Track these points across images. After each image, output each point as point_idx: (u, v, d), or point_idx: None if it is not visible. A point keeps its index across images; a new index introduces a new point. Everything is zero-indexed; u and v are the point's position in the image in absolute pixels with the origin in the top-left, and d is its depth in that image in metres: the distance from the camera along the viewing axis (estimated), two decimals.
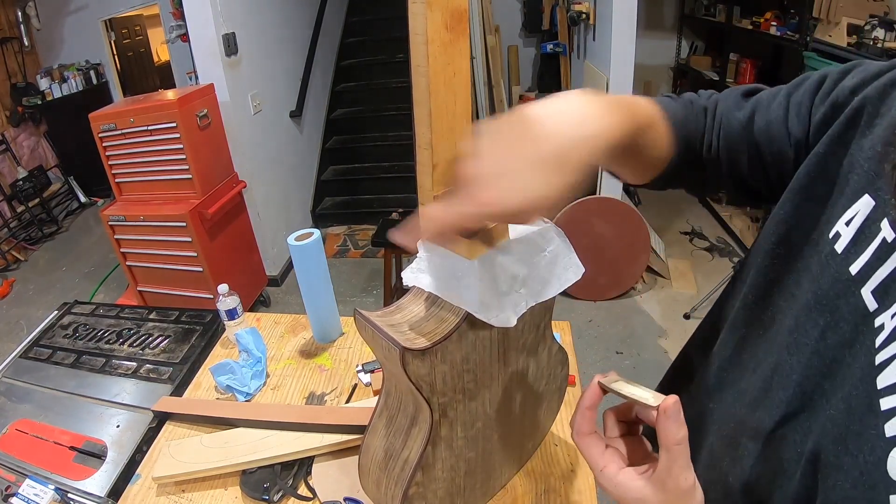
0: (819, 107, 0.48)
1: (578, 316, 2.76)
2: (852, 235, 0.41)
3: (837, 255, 0.42)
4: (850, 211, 0.42)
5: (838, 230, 0.43)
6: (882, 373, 0.36)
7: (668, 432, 0.40)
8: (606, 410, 0.48)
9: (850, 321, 0.40)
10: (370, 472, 0.71)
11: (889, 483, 0.33)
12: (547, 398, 0.81)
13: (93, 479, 0.95)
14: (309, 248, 1.09)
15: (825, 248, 0.44)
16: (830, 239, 0.43)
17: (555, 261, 0.62)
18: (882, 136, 0.40)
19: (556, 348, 0.78)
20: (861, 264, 0.40)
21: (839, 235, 0.42)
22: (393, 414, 0.68)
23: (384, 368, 0.67)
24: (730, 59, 3.66)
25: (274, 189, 3.34)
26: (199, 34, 2.67)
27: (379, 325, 0.58)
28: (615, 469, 0.44)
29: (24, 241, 4.04)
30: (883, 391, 0.35)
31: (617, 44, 2.67)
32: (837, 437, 0.38)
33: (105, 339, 1.32)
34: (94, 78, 4.66)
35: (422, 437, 0.63)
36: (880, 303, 0.38)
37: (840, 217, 0.43)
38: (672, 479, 0.41)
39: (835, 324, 0.41)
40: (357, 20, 4.71)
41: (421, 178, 0.54)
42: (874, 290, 0.39)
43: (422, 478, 0.64)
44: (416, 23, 0.46)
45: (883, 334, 0.37)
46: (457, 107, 0.51)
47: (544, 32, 4.46)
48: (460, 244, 0.55)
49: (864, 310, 0.39)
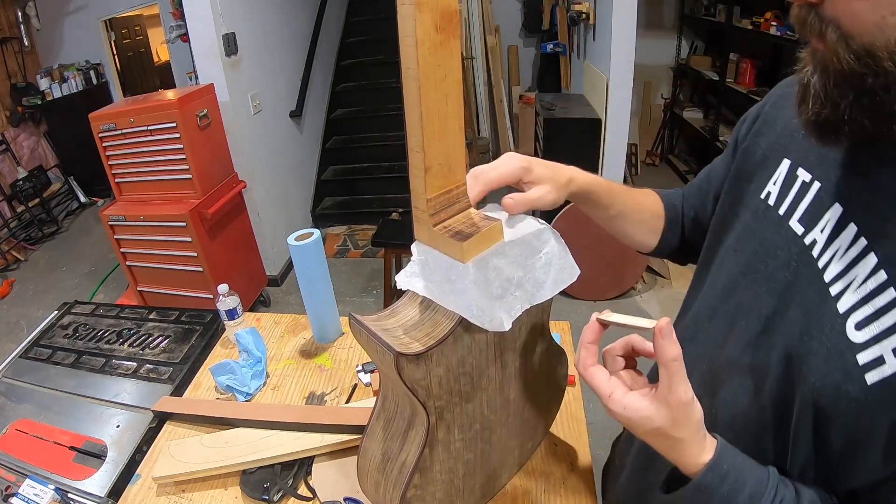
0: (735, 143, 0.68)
1: (578, 316, 2.76)
2: (779, 189, 0.55)
3: (770, 206, 0.55)
4: (775, 174, 0.56)
5: (768, 190, 0.56)
6: (827, 269, 0.46)
7: (665, 350, 0.45)
8: (605, 349, 0.53)
9: (785, 247, 0.52)
10: (369, 474, 0.71)
11: (852, 346, 0.42)
12: (546, 398, 0.81)
13: (93, 479, 0.95)
14: (309, 248, 1.09)
15: (760, 205, 0.57)
16: (763, 199, 0.57)
17: (550, 263, 0.62)
18: (786, 122, 0.57)
19: (555, 348, 0.77)
20: (786, 204, 0.53)
21: (770, 193, 0.56)
22: (390, 417, 0.68)
23: (380, 372, 0.67)
24: (730, 59, 3.66)
25: (274, 189, 3.34)
26: (199, 34, 2.67)
27: (373, 330, 0.57)
28: (622, 393, 0.48)
29: (24, 241, 4.04)
30: (830, 282, 0.46)
31: (617, 44, 2.66)
32: (802, 332, 0.47)
33: (105, 339, 1.32)
34: (94, 78, 4.66)
35: (419, 440, 0.63)
36: (806, 227, 0.50)
37: (767, 181, 0.57)
38: (673, 394, 0.45)
39: (774, 253, 0.53)
40: (357, 20, 4.71)
41: (413, 181, 0.54)
42: (800, 219, 0.51)
43: (420, 480, 0.64)
44: (406, 25, 0.46)
45: (818, 245, 0.48)
46: (448, 109, 0.51)
47: (544, 32, 4.46)
48: (454, 246, 0.54)
49: (794, 235, 0.51)
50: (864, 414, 0.42)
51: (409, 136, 0.52)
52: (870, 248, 0.43)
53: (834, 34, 0.39)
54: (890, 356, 0.40)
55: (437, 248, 0.57)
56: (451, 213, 0.57)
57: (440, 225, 0.56)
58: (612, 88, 2.78)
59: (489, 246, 0.56)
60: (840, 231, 0.46)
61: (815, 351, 0.45)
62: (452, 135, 0.53)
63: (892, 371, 0.40)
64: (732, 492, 0.46)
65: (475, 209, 0.60)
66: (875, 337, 0.41)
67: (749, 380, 0.52)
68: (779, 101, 0.61)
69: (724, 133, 3.78)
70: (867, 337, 0.42)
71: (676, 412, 0.46)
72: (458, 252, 0.54)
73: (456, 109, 0.52)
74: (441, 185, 0.55)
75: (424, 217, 0.56)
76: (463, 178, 0.58)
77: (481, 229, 0.55)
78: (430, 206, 0.55)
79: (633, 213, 0.76)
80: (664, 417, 0.46)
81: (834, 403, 0.43)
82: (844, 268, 0.45)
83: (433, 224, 0.56)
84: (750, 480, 0.47)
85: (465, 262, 0.54)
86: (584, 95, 3.39)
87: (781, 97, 0.61)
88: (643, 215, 0.78)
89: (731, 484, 0.46)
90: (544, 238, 0.61)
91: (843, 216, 0.47)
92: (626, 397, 0.48)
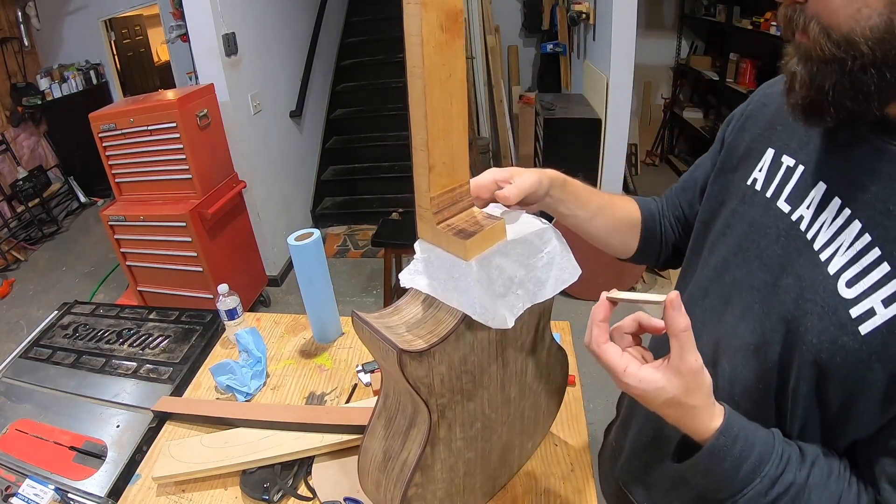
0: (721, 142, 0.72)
1: (579, 316, 2.76)
2: (765, 175, 0.59)
3: (757, 190, 0.60)
4: (760, 162, 0.60)
5: (755, 177, 0.61)
6: (816, 239, 0.51)
7: (675, 321, 0.47)
8: (614, 326, 0.55)
9: (773, 225, 0.56)
10: (369, 473, 0.71)
11: (845, 302, 0.47)
12: (546, 398, 0.81)
13: (93, 479, 0.95)
14: (309, 248, 1.09)
15: (747, 191, 0.61)
16: (749, 185, 0.61)
17: (552, 262, 0.62)
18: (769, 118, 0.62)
19: (556, 348, 0.77)
20: (773, 187, 0.58)
21: (756, 179, 0.60)
22: (392, 415, 0.68)
23: (382, 370, 0.67)
24: (730, 59, 3.66)
25: (274, 189, 3.34)
26: (199, 34, 2.67)
27: (376, 327, 0.57)
28: (636, 367, 0.50)
29: (24, 241, 4.04)
30: (820, 250, 0.50)
31: (617, 44, 2.66)
32: (797, 296, 0.51)
33: (105, 339, 1.32)
34: (94, 78, 4.66)
35: (420, 439, 0.63)
36: (793, 205, 0.55)
37: (753, 169, 0.61)
38: (685, 363, 0.47)
39: (763, 232, 0.57)
40: (357, 20, 4.71)
41: (417, 179, 0.54)
42: (787, 199, 0.56)
43: (421, 479, 0.64)
44: (411, 24, 0.46)
45: (805, 220, 0.53)
46: (453, 108, 0.51)
47: (544, 32, 4.46)
48: (457, 244, 0.54)
49: (782, 214, 0.55)
50: (860, 364, 0.45)
51: (413, 135, 0.52)
52: (854, 217, 0.48)
53: (816, 27, 0.44)
54: (880, 307, 0.44)
55: (440, 247, 0.57)
56: (455, 211, 0.58)
57: (443, 223, 0.56)
58: (612, 88, 2.78)
59: (492, 244, 0.56)
60: (826, 205, 0.51)
61: (811, 311, 0.49)
62: (456, 134, 0.53)
63: (882, 320, 0.44)
64: (744, 452, 0.49)
65: (478, 208, 0.60)
66: (865, 291, 0.46)
67: (749, 348, 0.56)
68: (762, 100, 0.66)
69: None
70: (858, 292, 0.46)
71: (689, 380, 0.48)
72: (461, 250, 0.54)
73: (460, 109, 0.52)
74: (445, 183, 0.55)
75: (428, 215, 0.56)
76: (466, 177, 0.58)
77: (484, 228, 0.56)
78: (433, 205, 0.55)
79: (609, 216, 0.78)
80: (677, 386, 0.48)
81: (832, 358, 0.47)
82: (832, 236, 0.50)
83: (436, 222, 0.56)
84: (758, 441, 0.50)
85: (468, 260, 0.54)
86: (584, 95, 3.39)
87: (765, 96, 0.66)
88: (620, 220, 0.80)
89: (741, 445, 0.49)
90: (546, 237, 0.62)
91: (828, 192, 0.51)
92: (641, 371, 0.49)
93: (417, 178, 0.54)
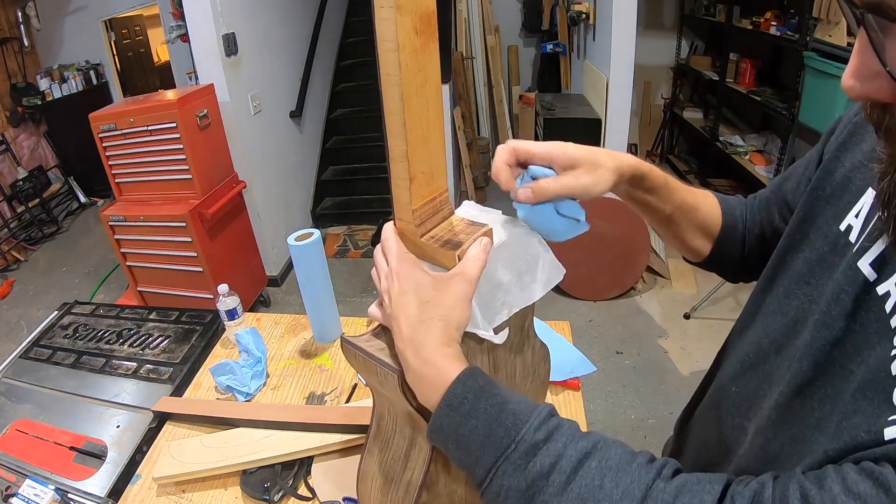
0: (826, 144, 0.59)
1: (578, 316, 2.76)
2: (861, 223, 0.47)
3: (850, 242, 0.47)
4: (858, 205, 0.48)
5: (849, 223, 0.48)
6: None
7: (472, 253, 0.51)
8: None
9: (850, 293, 0.44)
10: (371, 498, 0.69)
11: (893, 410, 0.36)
12: (534, 396, 0.81)
13: (93, 480, 0.95)
14: (309, 249, 1.09)
15: (840, 239, 0.49)
16: (843, 231, 0.49)
17: (536, 263, 0.61)
18: (870, 144, 0.50)
19: (539, 345, 0.77)
20: (861, 240, 0.45)
21: (851, 228, 0.48)
22: (388, 438, 0.66)
23: (376, 393, 0.64)
24: (730, 59, 3.65)
25: (274, 189, 3.34)
26: (199, 34, 2.67)
27: (369, 351, 0.55)
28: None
29: (24, 242, 4.04)
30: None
31: (617, 44, 2.67)
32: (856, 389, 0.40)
33: (105, 339, 1.32)
34: (94, 78, 4.66)
35: (423, 458, 0.61)
36: (879, 272, 0.42)
37: (849, 211, 0.49)
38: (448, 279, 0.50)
39: (840, 298, 0.44)
40: (357, 20, 4.71)
41: (397, 191, 0.52)
42: (871, 263, 0.43)
43: (427, 497, 0.63)
44: (385, 29, 0.44)
45: (891, 300, 0.40)
46: (430, 114, 0.50)
47: (544, 32, 4.46)
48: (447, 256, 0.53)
49: (864, 281, 0.43)
50: None
51: (390, 146, 0.49)
52: None
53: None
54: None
55: (425, 260, 0.55)
56: (436, 221, 0.56)
57: (427, 235, 0.54)
58: (612, 88, 2.78)
59: None
60: None
61: (861, 409, 0.39)
62: (435, 141, 0.51)
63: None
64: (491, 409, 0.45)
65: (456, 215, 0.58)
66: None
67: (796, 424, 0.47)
68: None
69: (724, 133, 3.78)
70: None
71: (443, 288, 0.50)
72: (451, 262, 0.53)
73: (437, 114, 0.50)
74: (426, 193, 0.53)
75: (410, 228, 0.54)
76: (445, 185, 0.56)
77: (471, 236, 0.54)
78: (415, 217, 0.53)
79: (689, 213, 0.67)
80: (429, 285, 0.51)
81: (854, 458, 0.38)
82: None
83: (420, 235, 0.54)
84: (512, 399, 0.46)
85: None
86: (584, 95, 3.39)
87: None
88: (699, 217, 0.69)
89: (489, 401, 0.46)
90: (529, 239, 0.60)
91: None
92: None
93: (397, 191, 0.52)
